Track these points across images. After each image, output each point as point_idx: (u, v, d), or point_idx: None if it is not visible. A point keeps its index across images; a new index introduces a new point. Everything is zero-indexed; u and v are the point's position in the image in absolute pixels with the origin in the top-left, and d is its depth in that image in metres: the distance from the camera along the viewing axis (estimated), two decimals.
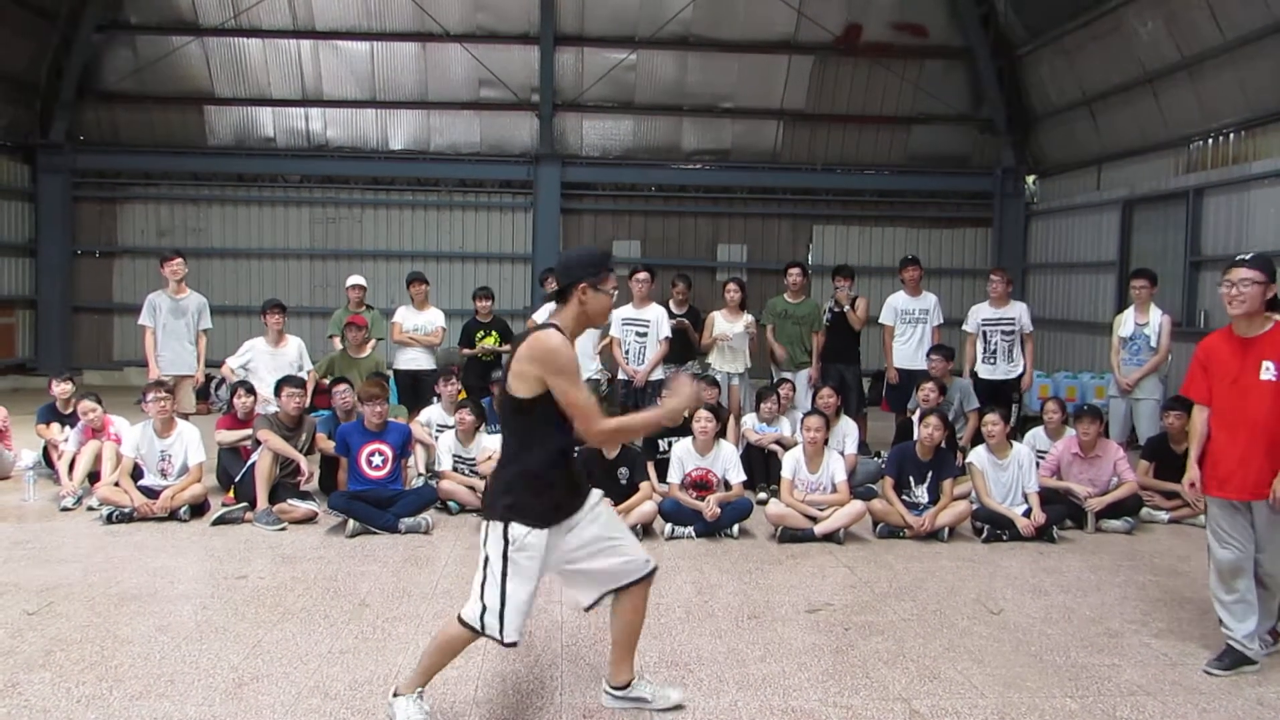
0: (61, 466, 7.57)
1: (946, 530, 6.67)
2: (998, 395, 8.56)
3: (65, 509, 7.10)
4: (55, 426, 8.16)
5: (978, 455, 6.99)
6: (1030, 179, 16.01)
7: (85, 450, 7.47)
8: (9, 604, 5.02)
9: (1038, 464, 7.11)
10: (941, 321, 9.20)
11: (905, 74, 15.54)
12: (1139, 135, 12.97)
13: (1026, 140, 15.76)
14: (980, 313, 8.94)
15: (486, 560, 3.48)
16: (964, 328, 9.05)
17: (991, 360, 8.81)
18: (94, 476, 7.37)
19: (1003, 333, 8.79)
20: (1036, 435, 7.78)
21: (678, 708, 3.87)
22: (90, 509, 7.05)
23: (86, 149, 15.50)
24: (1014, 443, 7.07)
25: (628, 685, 3.86)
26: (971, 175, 16.11)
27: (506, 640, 3.48)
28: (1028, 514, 6.68)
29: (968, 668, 4.39)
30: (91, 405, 7.61)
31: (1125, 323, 8.34)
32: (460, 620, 3.54)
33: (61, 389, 8.36)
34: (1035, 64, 14.79)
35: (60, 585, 5.34)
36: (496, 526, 3.47)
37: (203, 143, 15.72)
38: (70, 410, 8.05)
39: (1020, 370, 8.80)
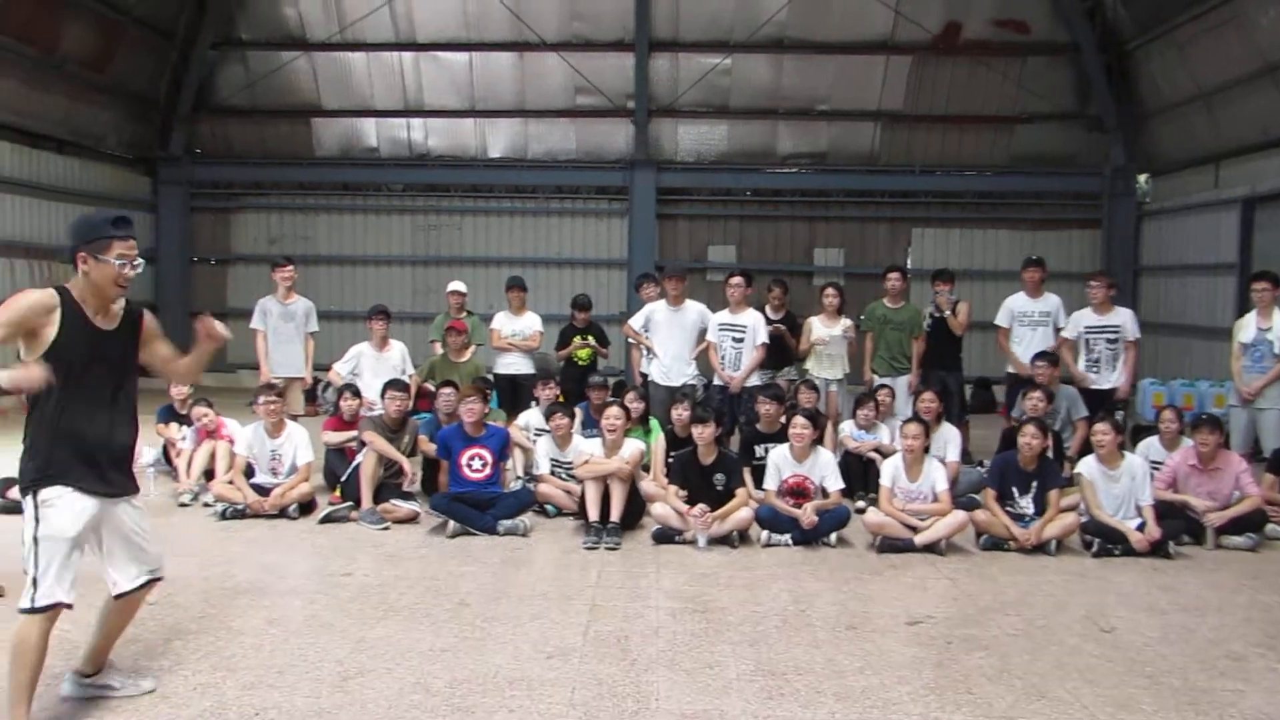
0: (180, 464, 7.94)
1: (1054, 543, 6.45)
2: (1101, 405, 8.28)
3: (183, 505, 7.45)
4: (174, 426, 8.52)
5: (1087, 465, 6.73)
6: (1142, 178, 15.38)
7: (200, 450, 7.85)
8: None
9: (1152, 476, 6.81)
10: (1066, 324, 8.89)
11: (1007, 72, 15.12)
12: (1260, 130, 12.33)
13: (1138, 137, 15.13)
14: (1083, 319, 8.71)
15: None
16: (1063, 334, 8.79)
17: (1095, 369, 8.61)
18: (210, 474, 7.71)
19: (1107, 340, 8.58)
20: (1151, 446, 7.43)
21: (149, 693, 3.91)
22: (206, 505, 7.37)
23: (202, 161, 16.23)
24: (1126, 453, 6.79)
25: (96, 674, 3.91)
26: (1078, 175, 15.59)
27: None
28: (1141, 528, 6.40)
29: (1077, 687, 4.22)
30: (204, 410, 8.01)
31: (1246, 328, 7.97)
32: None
33: (179, 390, 8.75)
34: (1145, 58, 14.21)
35: (178, 578, 5.54)
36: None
37: (310, 154, 16.30)
38: (187, 411, 8.42)
39: (1119, 380, 8.54)
